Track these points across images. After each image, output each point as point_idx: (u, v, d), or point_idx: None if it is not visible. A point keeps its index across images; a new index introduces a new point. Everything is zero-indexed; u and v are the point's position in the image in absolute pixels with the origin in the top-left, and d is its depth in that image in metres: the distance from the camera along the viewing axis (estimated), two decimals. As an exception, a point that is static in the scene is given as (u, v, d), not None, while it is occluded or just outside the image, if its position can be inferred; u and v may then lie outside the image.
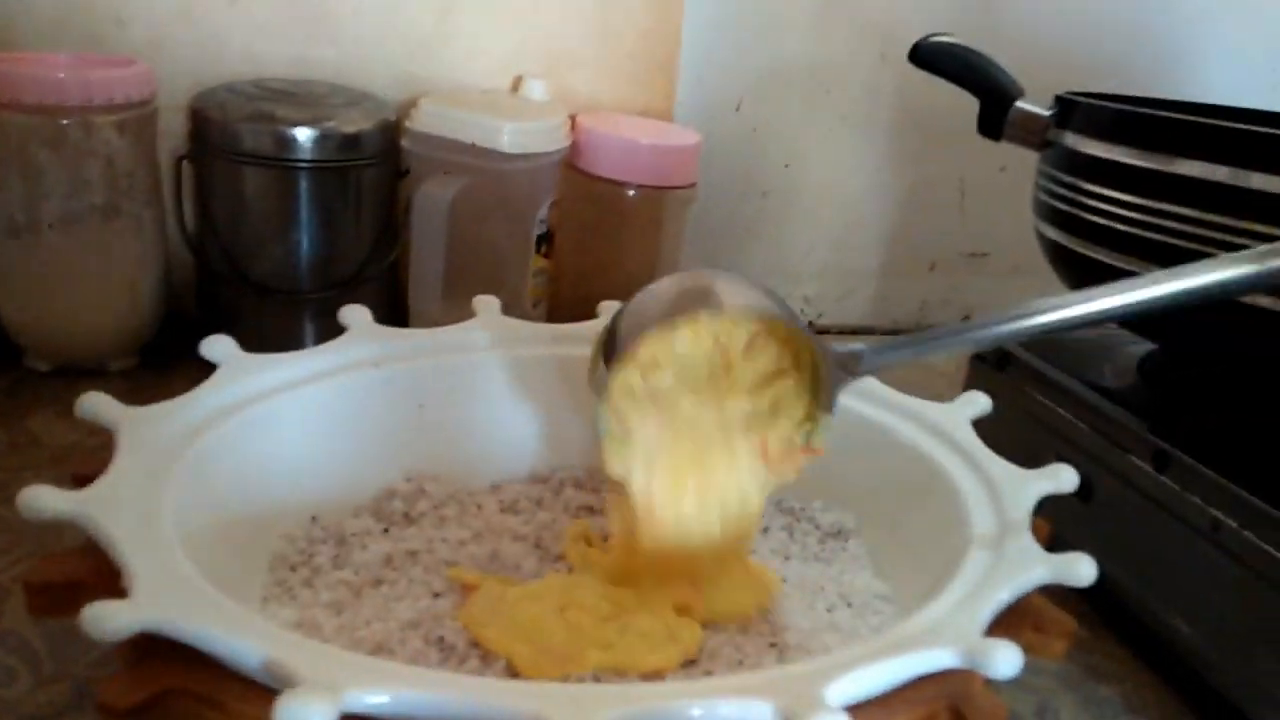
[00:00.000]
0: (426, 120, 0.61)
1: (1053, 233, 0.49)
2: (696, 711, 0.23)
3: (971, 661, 0.26)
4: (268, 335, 0.61)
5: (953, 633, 0.27)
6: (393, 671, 0.24)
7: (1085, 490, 0.46)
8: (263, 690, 0.23)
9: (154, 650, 0.24)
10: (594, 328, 0.46)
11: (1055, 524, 0.35)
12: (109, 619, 0.23)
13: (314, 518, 0.37)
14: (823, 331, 0.82)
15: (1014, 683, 0.41)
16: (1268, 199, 0.39)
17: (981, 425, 0.40)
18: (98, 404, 0.33)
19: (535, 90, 0.67)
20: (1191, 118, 0.43)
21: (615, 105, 0.71)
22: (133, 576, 0.25)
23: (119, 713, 0.23)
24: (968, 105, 0.53)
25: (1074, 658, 0.44)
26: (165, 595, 0.25)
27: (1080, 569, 0.30)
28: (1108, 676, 0.43)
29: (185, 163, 0.61)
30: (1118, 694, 0.42)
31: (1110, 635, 0.45)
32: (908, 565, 0.37)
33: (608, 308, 0.47)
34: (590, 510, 0.42)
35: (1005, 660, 0.25)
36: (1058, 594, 0.30)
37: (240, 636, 0.24)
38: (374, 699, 0.22)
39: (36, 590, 0.27)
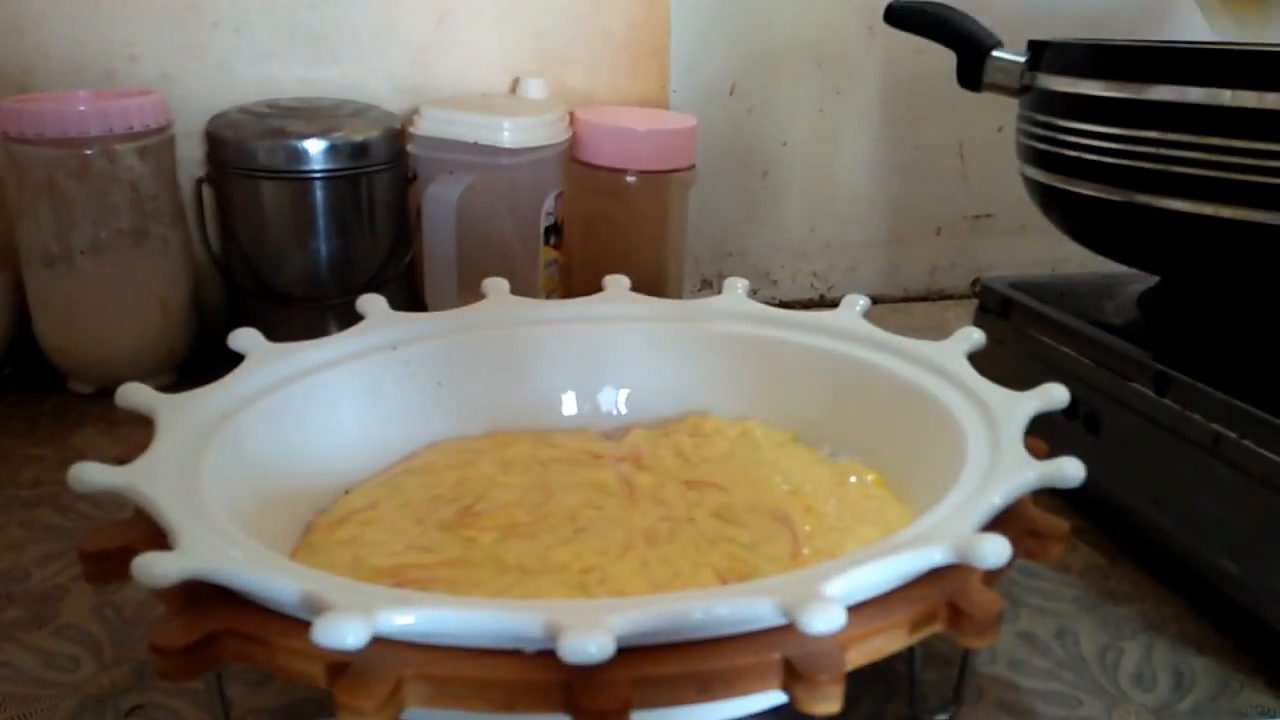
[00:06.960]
0: (429, 125, 0.63)
1: (1036, 173, 0.51)
2: (697, 615, 0.25)
3: (962, 555, 0.27)
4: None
5: (946, 533, 0.28)
6: (417, 597, 0.26)
7: (1093, 423, 0.48)
8: (302, 625, 0.25)
9: (200, 598, 0.27)
10: (596, 302, 0.48)
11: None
12: (158, 566, 0.25)
13: (347, 491, 0.39)
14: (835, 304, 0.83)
15: (1034, 608, 0.43)
16: (1242, 114, 0.40)
17: (990, 371, 0.40)
18: (136, 393, 0.35)
19: (533, 89, 0.69)
20: (1160, 44, 0.44)
21: (612, 98, 0.73)
22: (177, 531, 0.27)
23: (173, 653, 0.25)
24: (958, 70, 0.54)
25: (1093, 585, 0.45)
26: (207, 545, 0.27)
27: (1068, 470, 0.31)
28: (1125, 598, 0.44)
29: (205, 185, 0.64)
30: (1136, 613, 0.43)
31: (1128, 562, 0.46)
32: (916, 493, 0.38)
33: (612, 281, 0.49)
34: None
35: (994, 552, 0.27)
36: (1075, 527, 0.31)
37: (277, 576, 0.26)
38: (402, 619, 0.24)
39: (91, 557, 0.29)
